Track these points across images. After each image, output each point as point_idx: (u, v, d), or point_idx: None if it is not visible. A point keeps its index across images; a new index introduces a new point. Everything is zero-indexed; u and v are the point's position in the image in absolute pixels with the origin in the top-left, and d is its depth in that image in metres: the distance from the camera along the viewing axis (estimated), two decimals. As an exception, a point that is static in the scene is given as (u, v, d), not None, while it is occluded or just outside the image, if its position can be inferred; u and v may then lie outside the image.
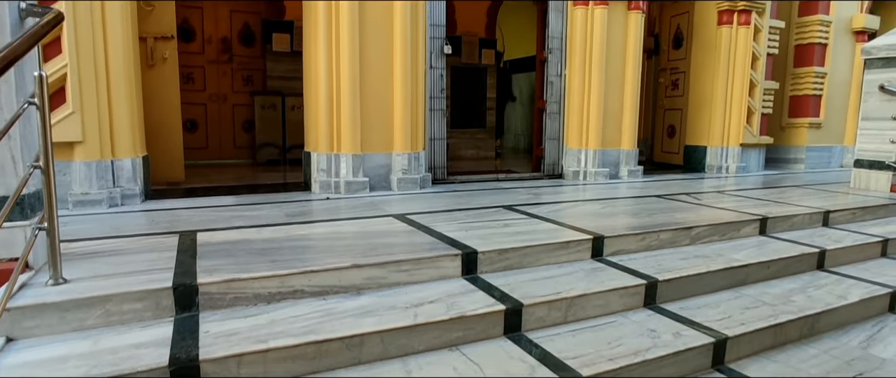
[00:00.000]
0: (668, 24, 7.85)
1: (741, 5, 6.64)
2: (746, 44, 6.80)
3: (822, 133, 8.15)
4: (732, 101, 6.91)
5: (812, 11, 7.79)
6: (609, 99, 5.87)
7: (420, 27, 4.79)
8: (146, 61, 4.97)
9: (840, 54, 8.13)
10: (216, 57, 7.72)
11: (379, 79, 4.65)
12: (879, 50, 5.41)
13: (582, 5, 5.64)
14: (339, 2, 4.39)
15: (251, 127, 7.79)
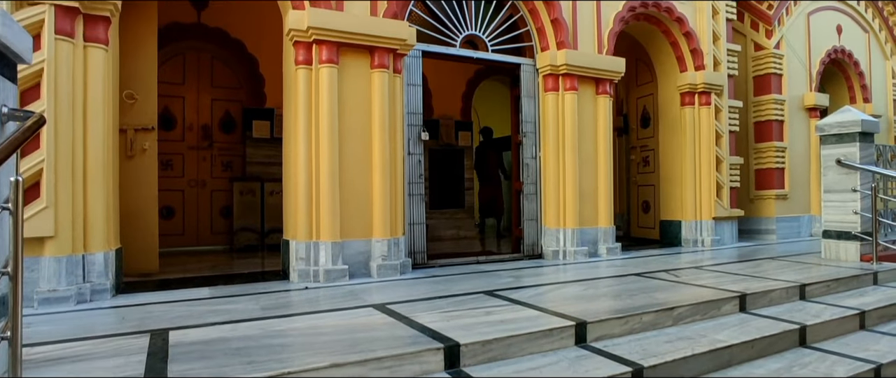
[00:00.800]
0: (635, 105, 8.26)
1: (701, 87, 7.06)
2: (709, 123, 7.17)
3: (789, 204, 8.43)
4: (701, 176, 7.17)
5: (766, 91, 8.31)
6: (584, 179, 6.04)
7: (398, 114, 4.96)
8: (125, 152, 4.99)
9: (797, 129, 8.60)
10: (196, 143, 7.80)
11: (358, 166, 4.73)
12: (831, 127, 5.73)
13: (553, 91, 5.93)
14: (319, 90, 4.54)
15: (229, 213, 7.74)
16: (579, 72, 5.91)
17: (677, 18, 6.92)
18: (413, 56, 5.25)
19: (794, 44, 8.63)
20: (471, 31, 5.71)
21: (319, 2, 4.54)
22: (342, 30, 4.53)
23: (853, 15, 9.64)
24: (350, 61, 4.70)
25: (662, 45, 7.32)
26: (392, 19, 4.83)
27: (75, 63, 3.81)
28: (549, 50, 5.93)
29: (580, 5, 6.10)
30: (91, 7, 3.84)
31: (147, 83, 5.14)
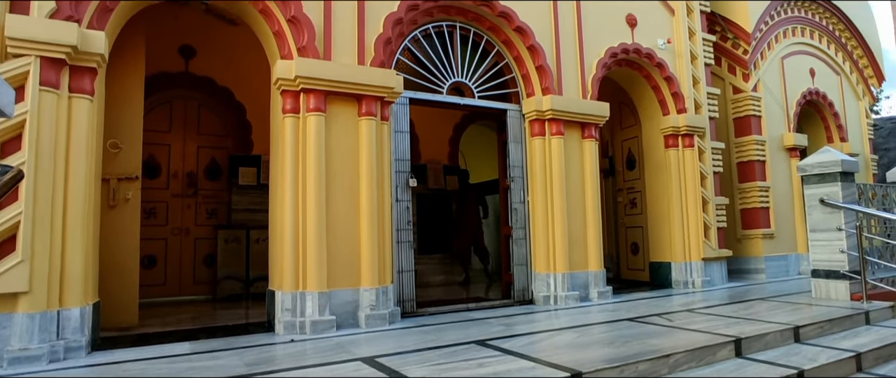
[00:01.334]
0: (620, 147, 8.38)
1: (684, 130, 7.19)
2: (694, 164, 7.26)
3: (777, 242, 8.48)
4: (689, 217, 7.21)
5: (747, 132, 8.50)
6: (572, 223, 6.03)
7: (386, 161, 4.95)
8: (107, 202, 4.89)
9: (778, 169, 8.75)
10: (181, 191, 7.70)
11: (346, 213, 4.68)
12: (813, 167, 5.83)
13: (539, 136, 5.99)
14: (306, 138, 4.53)
15: (213, 261, 7.57)
16: (565, 117, 6.00)
17: (658, 64, 7.12)
18: (400, 103, 5.29)
19: (771, 86, 8.89)
20: (457, 78, 5.79)
21: (307, 51, 4.59)
22: (330, 79, 4.57)
23: (824, 58, 10.00)
24: (338, 109, 4.72)
25: (645, 90, 7.50)
26: (379, 68, 4.89)
27: (59, 114, 3.77)
28: (534, 96, 6.02)
29: (564, 52, 6.25)
30: (78, 59, 3.83)
31: (132, 132, 5.10)
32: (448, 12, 5.74)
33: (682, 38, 7.50)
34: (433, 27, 5.70)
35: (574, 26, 6.44)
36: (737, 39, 8.48)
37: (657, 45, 7.22)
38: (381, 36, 4.99)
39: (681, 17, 7.57)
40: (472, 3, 5.68)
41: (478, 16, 5.87)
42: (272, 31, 4.71)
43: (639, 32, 7.08)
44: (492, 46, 6.09)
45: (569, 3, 6.44)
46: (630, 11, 7.03)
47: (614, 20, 6.90)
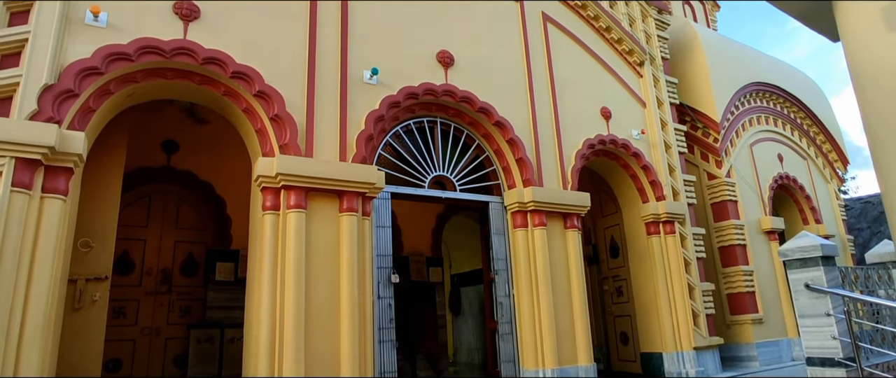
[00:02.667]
0: (602, 235, 8.40)
1: (664, 217, 7.27)
2: (677, 251, 7.28)
3: (767, 327, 8.34)
4: (676, 304, 7.10)
5: (725, 217, 8.63)
6: (559, 315, 5.88)
7: (367, 257, 4.85)
8: (72, 304, 4.65)
9: (759, 251, 8.81)
10: (154, 288, 7.40)
11: (325, 312, 4.50)
12: (793, 252, 5.85)
13: (522, 228, 5.98)
14: (286, 235, 4.44)
15: (184, 362, 7.13)
16: (547, 207, 6.04)
17: (634, 153, 7.33)
18: (382, 198, 5.29)
19: (743, 172, 9.17)
20: (439, 172, 5.86)
21: (289, 149, 4.62)
22: (311, 175, 4.57)
23: (790, 144, 10.45)
24: (318, 206, 4.69)
25: (623, 178, 7.66)
26: (361, 164, 4.93)
27: (29, 215, 3.66)
28: (515, 187, 6.09)
29: (543, 144, 6.42)
30: (55, 159, 3.79)
31: (105, 230, 4.97)
32: (429, 109, 5.91)
33: (655, 128, 7.80)
34: (414, 123, 5.85)
35: (552, 120, 6.67)
36: (707, 128, 8.85)
37: (632, 135, 7.47)
38: (363, 133, 5.08)
39: (652, 109, 7.92)
40: (452, 101, 5.88)
41: (458, 112, 6.06)
42: (255, 129, 4.76)
43: (614, 124, 7.35)
44: (472, 140, 6.23)
45: (546, 98, 6.72)
46: (604, 105, 7.34)
47: (590, 113, 7.18)
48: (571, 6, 7.60)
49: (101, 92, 4.19)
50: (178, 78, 4.54)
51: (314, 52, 5.11)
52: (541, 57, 6.92)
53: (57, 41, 3.97)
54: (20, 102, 3.74)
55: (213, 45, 4.56)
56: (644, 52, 8.16)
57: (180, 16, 4.55)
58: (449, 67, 6.00)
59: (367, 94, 5.34)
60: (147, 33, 4.33)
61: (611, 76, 7.72)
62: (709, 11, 12.31)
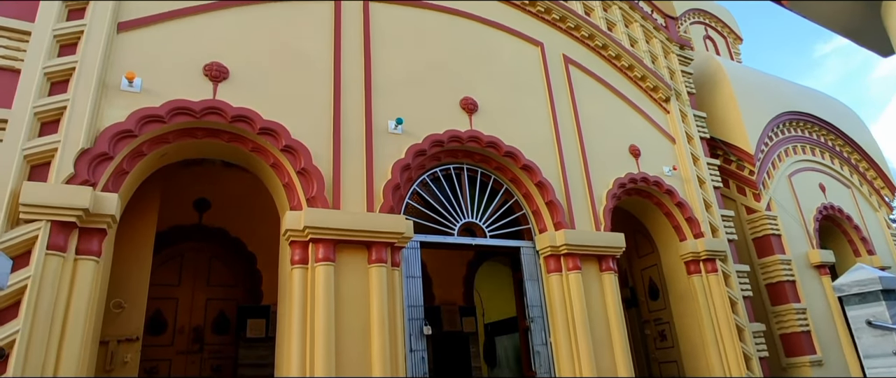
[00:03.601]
0: (640, 277, 8.08)
1: (704, 254, 6.96)
2: (721, 290, 6.91)
3: (827, 370, 7.75)
4: (725, 347, 6.67)
5: (769, 252, 8.22)
6: (601, 362, 5.57)
7: (398, 309, 4.72)
8: (104, 366, 4.62)
9: (810, 288, 8.30)
10: (186, 347, 7.36)
11: (356, 366, 4.34)
12: (850, 286, 5.45)
13: (556, 272, 5.78)
14: (315, 289, 4.36)
15: (215, 424, 6.98)
16: (580, 250, 5.84)
17: (667, 191, 7.12)
18: (411, 247, 5.20)
19: (784, 204, 8.80)
20: (468, 219, 5.76)
21: (317, 201, 4.61)
22: (339, 227, 4.53)
23: (832, 174, 10.03)
24: (347, 258, 4.62)
25: (657, 217, 7.41)
26: (389, 214, 4.87)
27: (63, 277, 3.69)
28: (547, 231, 5.93)
29: (573, 186, 6.29)
30: (89, 221, 3.85)
31: (137, 291, 4.99)
32: (455, 156, 5.88)
33: (686, 164, 7.59)
34: (441, 170, 5.81)
35: (580, 160, 6.56)
36: (741, 161, 8.58)
37: (663, 172, 7.28)
38: (390, 182, 5.05)
39: (682, 144, 7.75)
40: (478, 146, 5.84)
41: (485, 157, 6.01)
42: (282, 183, 4.79)
43: (644, 162, 7.19)
44: (500, 185, 6.15)
45: (572, 139, 6.63)
46: (632, 142, 7.21)
47: (618, 152, 7.05)
48: (592, 47, 7.61)
49: (135, 154, 4.29)
50: (208, 137, 4.63)
51: (339, 104, 5.18)
52: (565, 98, 6.89)
53: (94, 107, 4.11)
54: (57, 167, 3.85)
55: (241, 102, 4.67)
56: (669, 88, 8.06)
57: (210, 77, 4.69)
58: (473, 113, 6.01)
59: (393, 143, 5.35)
60: (178, 95, 4.46)
61: (637, 114, 7.63)
62: (731, 45, 12.23)
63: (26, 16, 4.22)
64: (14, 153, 3.77)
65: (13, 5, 4.22)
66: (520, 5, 7.15)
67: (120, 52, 4.46)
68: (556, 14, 7.34)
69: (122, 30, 4.55)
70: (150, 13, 4.72)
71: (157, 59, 4.57)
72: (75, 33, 4.32)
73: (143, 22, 4.66)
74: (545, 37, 7.17)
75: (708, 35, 11.90)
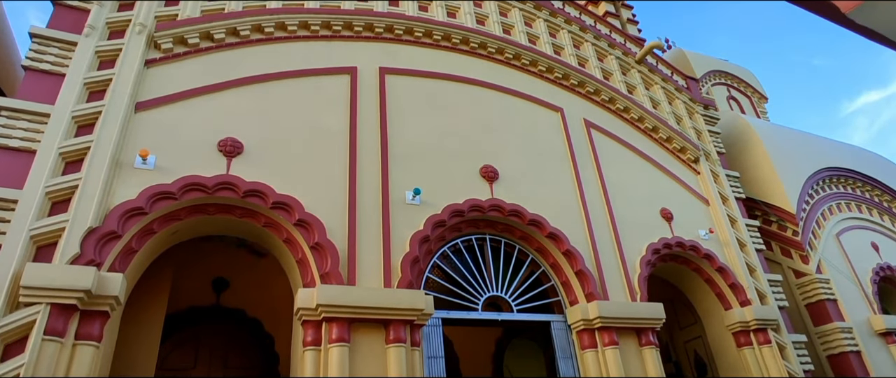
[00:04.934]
0: (683, 350, 7.43)
1: (754, 324, 6.35)
2: (777, 363, 6.23)
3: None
4: (790, 432, 5.92)
5: (826, 319, 7.51)
6: (649, 451, 4.94)
7: (419, 393, 4.30)
8: (103, 466, 4.24)
9: (879, 359, 7.46)
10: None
11: (373, 463, 3.89)
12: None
13: (591, 349, 5.28)
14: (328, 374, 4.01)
15: None
16: (616, 323, 5.36)
17: (705, 255, 6.65)
18: (432, 325, 4.84)
19: (835, 265, 8.15)
20: (492, 292, 5.39)
21: (331, 277, 4.36)
22: (354, 305, 4.23)
23: (884, 231, 9.37)
24: (362, 338, 4.28)
25: (697, 284, 6.90)
26: (407, 289, 4.56)
27: (59, 364, 3.44)
28: (578, 303, 5.50)
29: (603, 254, 5.91)
30: (90, 303, 3.65)
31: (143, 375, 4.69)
32: (476, 226, 5.62)
33: (724, 226, 7.15)
34: (462, 241, 5.53)
35: (608, 227, 6.21)
36: (782, 221, 8.08)
37: (699, 236, 6.85)
38: (408, 255, 4.79)
39: (717, 205, 7.35)
40: (501, 215, 5.58)
41: (507, 227, 5.73)
42: (296, 260, 4.57)
43: (677, 225, 6.79)
44: (525, 255, 5.81)
45: (599, 205, 6.33)
46: (663, 206, 6.85)
47: (649, 216, 6.69)
48: (614, 111, 7.47)
49: (145, 232, 4.16)
50: (220, 213, 4.50)
51: (355, 176, 5.05)
52: (589, 163, 6.66)
53: (105, 185, 4.05)
54: (63, 247, 3.72)
55: (255, 177, 4.56)
56: (697, 149, 7.78)
57: (224, 152, 4.63)
58: (494, 182, 5.80)
59: (411, 214, 5.14)
60: (192, 171, 4.39)
61: (666, 176, 7.32)
62: (756, 104, 12.00)
63: (47, 98, 4.28)
64: (21, 234, 3.67)
65: (35, 88, 4.30)
66: (537, 72, 7.12)
67: (136, 130, 4.46)
68: (574, 79, 7.27)
69: (140, 109, 4.59)
70: (169, 92, 4.77)
71: (172, 136, 4.55)
72: (94, 114, 4.35)
73: (161, 101, 4.70)
74: (564, 102, 7.07)
75: (731, 95, 11.73)
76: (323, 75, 5.65)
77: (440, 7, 7.02)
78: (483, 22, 7.28)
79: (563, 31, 7.94)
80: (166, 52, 5.03)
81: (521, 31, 7.42)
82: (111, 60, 4.74)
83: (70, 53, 4.60)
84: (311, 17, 5.90)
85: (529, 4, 7.86)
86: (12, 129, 4.05)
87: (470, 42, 6.81)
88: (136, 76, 4.67)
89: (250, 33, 5.53)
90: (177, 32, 5.10)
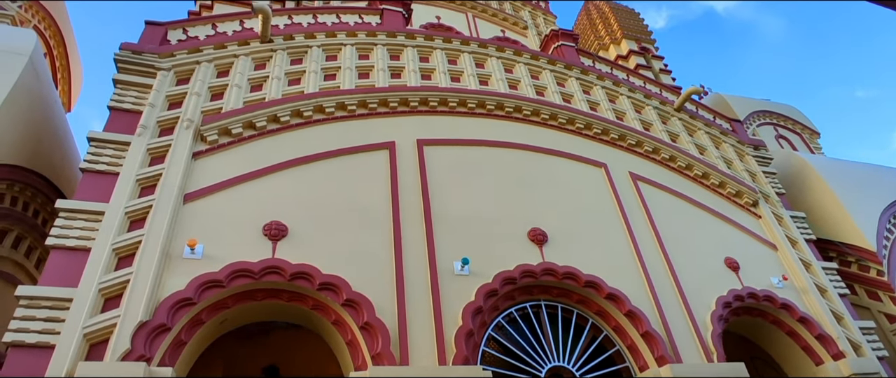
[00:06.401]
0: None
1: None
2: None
3: None
4: None
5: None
6: None
7: None
8: None
9: None
10: None
11: None
12: None
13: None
14: None
15: None
16: (695, 388, 4.86)
17: (783, 305, 6.09)
18: (493, 402, 4.49)
19: (932, 308, 7.32)
20: (554, 363, 5.01)
21: (382, 358, 4.14)
22: (407, 386, 3.98)
23: (980, 266, 8.45)
24: (420, 421, 3.99)
25: (778, 337, 6.27)
26: (464, 365, 4.28)
27: None
28: (648, 368, 5.04)
29: (669, 312, 5.48)
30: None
31: None
32: (530, 293, 5.35)
33: (798, 271, 6.60)
34: (517, 310, 5.25)
35: (671, 282, 5.81)
36: (863, 261, 7.41)
37: (772, 284, 6.32)
38: (462, 329, 4.54)
39: (786, 250, 6.82)
40: (555, 280, 5.30)
41: (563, 291, 5.42)
42: (345, 341, 4.39)
43: (745, 275, 6.30)
44: (585, 320, 5.44)
45: (657, 259, 5.96)
46: (727, 255, 6.41)
47: (713, 267, 6.24)
48: (659, 161, 7.22)
49: (194, 323, 4.11)
50: (267, 298, 4.43)
51: (400, 250, 4.93)
52: (640, 216, 6.35)
53: (156, 278, 4.06)
54: (114, 343, 3.69)
55: (300, 259, 4.51)
56: (754, 191, 7.37)
57: (269, 236, 4.62)
58: (543, 244, 5.57)
59: (461, 285, 4.93)
60: (238, 258, 4.37)
61: (725, 223, 6.90)
62: (809, 140, 11.47)
63: (103, 196, 4.43)
64: (75, 333, 3.66)
65: (92, 188, 4.47)
66: (575, 130, 7.02)
67: (184, 221, 4.53)
68: (614, 133, 7.13)
69: (188, 200, 4.69)
70: (214, 181, 4.88)
71: (218, 224, 4.60)
72: (145, 208, 4.46)
73: (207, 191, 4.80)
74: (607, 157, 6.88)
75: (779, 134, 11.27)
76: (362, 152, 5.71)
77: (472, 77, 7.13)
78: (515, 86, 7.33)
79: (596, 87, 7.90)
80: (212, 144, 5.20)
81: (555, 92, 7.42)
82: (161, 156, 4.92)
83: (124, 153, 4.81)
84: (348, 98, 6.06)
85: (560, 65, 7.91)
86: (69, 229, 4.17)
87: (505, 107, 6.82)
88: (185, 169, 4.81)
89: (290, 118, 5.70)
90: (221, 124, 5.30)
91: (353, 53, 6.77)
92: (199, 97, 5.51)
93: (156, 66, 5.61)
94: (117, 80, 5.41)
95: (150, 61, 5.62)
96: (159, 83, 5.49)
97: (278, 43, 6.47)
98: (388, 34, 7.20)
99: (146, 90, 5.42)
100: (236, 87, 5.77)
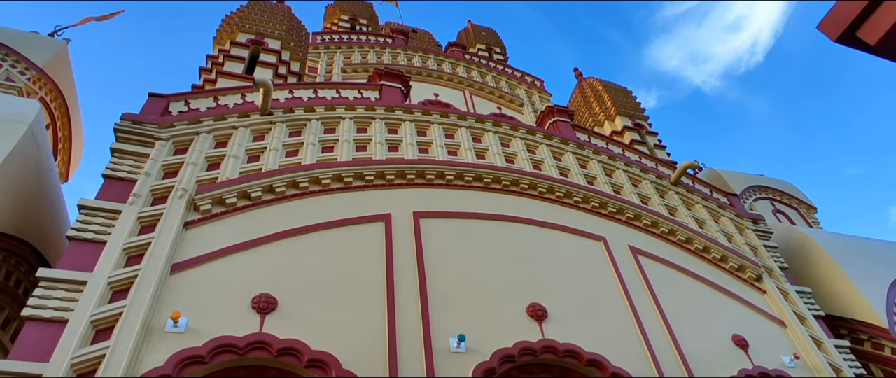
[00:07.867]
0: None
1: None
2: None
3: None
4: None
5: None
6: None
7: None
8: None
9: None
10: None
11: None
12: None
13: None
14: None
15: None
16: None
17: (797, 387, 5.78)
18: None
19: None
20: (557, 448, 4.67)
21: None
22: None
23: None
24: None
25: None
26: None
27: None
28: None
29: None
30: None
31: None
32: (530, 371, 5.07)
33: (809, 350, 6.32)
34: (516, 390, 4.95)
35: (677, 360, 5.53)
36: (876, 338, 7.12)
37: (784, 363, 6.03)
38: (458, 411, 4.25)
39: (795, 326, 6.58)
40: (555, 358, 5.04)
41: (565, 370, 5.14)
42: (333, 424, 4.08)
43: (755, 353, 6.03)
44: (588, 400, 5.13)
45: (662, 336, 5.71)
46: (734, 332, 6.16)
47: (720, 345, 5.98)
48: (659, 234, 7.13)
49: (170, 403, 3.82)
50: (252, 375, 4.16)
51: (394, 325, 4.72)
52: (642, 291, 6.17)
53: (133, 353, 3.82)
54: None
55: (289, 333, 4.29)
56: (757, 265, 7.23)
57: (257, 309, 4.43)
58: (543, 321, 5.36)
59: (457, 363, 4.67)
60: (224, 331, 4.15)
61: (729, 298, 6.70)
62: (806, 214, 11.45)
63: (87, 266, 4.27)
64: (40, 418, 3.38)
65: (77, 257, 4.32)
66: (573, 203, 6.99)
67: (170, 292, 4.36)
68: (612, 207, 7.09)
69: (176, 271, 4.53)
70: (205, 252, 4.74)
71: (205, 295, 4.42)
72: (129, 279, 4.30)
73: (197, 261, 4.65)
74: (606, 230, 6.80)
75: (777, 209, 11.26)
76: (357, 224, 5.62)
77: (469, 151, 7.19)
78: (512, 160, 7.38)
79: (592, 161, 7.97)
80: (205, 213, 5.12)
81: (552, 165, 7.46)
82: (152, 225, 4.82)
83: (114, 221, 4.71)
84: (345, 170, 6.06)
85: (556, 140, 8.02)
86: (48, 299, 3.99)
87: (502, 180, 6.82)
88: (175, 238, 4.69)
89: (286, 189, 5.66)
90: (216, 194, 5.24)
91: (351, 126, 6.86)
92: (196, 166, 5.49)
93: (155, 136, 5.64)
94: (115, 148, 5.41)
95: (149, 131, 5.66)
96: (157, 152, 5.49)
97: (278, 115, 6.56)
98: (386, 108, 7.34)
99: (143, 159, 5.42)
100: (234, 158, 5.77)
